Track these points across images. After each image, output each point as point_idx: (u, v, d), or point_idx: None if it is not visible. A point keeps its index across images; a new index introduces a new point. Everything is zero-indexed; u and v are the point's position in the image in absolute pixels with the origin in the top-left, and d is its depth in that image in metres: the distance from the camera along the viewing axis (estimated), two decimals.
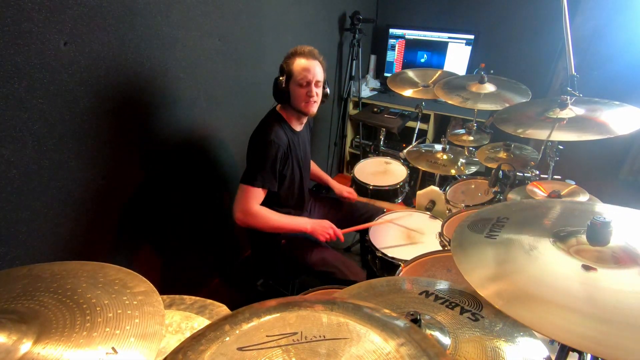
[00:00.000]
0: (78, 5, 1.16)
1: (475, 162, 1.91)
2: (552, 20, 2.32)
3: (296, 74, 1.43)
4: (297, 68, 1.42)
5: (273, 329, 0.53)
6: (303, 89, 1.44)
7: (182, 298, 0.95)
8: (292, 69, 1.43)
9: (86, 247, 1.40)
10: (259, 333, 0.52)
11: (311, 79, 1.43)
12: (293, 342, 0.51)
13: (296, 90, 1.44)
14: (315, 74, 1.44)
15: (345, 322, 0.54)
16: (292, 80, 1.44)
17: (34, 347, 0.50)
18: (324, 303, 0.59)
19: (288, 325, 0.54)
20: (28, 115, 1.12)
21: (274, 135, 1.43)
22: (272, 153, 1.42)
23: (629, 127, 1.13)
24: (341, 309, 0.57)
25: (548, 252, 0.65)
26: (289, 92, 1.46)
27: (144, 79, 1.44)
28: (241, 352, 0.49)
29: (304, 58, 1.43)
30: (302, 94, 1.45)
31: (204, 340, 0.51)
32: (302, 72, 1.42)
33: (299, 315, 0.56)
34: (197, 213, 1.89)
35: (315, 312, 0.56)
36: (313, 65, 1.44)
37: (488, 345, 0.69)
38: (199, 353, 0.50)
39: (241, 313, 0.57)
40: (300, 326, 0.53)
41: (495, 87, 1.77)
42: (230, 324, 0.54)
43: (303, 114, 1.52)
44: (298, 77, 1.42)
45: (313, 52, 1.45)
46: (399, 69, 3.05)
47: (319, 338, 0.51)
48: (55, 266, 0.67)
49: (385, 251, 1.49)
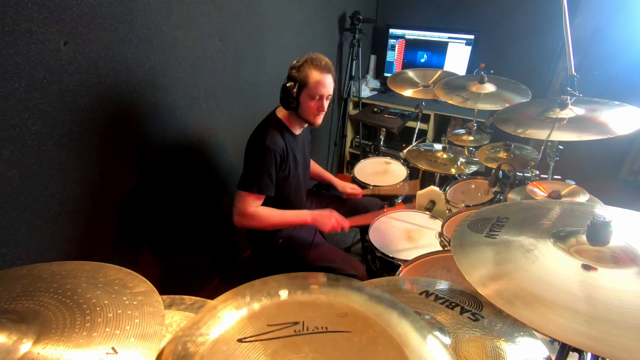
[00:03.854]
0: (78, 5, 1.16)
1: (475, 162, 1.91)
2: (552, 20, 2.31)
3: (311, 86, 1.39)
4: (313, 80, 1.38)
5: (274, 318, 0.52)
6: (315, 102, 1.42)
7: (182, 298, 0.95)
8: (307, 80, 1.38)
9: (86, 247, 1.40)
10: (260, 322, 0.51)
11: (324, 94, 1.41)
12: (294, 333, 0.49)
13: (307, 102, 1.42)
14: (329, 89, 1.42)
15: (349, 311, 0.52)
16: (305, 91, 1.40)
17: (34, 347, 0.50)
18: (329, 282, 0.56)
19: (290, 314, 0.52)
20: (28, 115, 1.12)
21: (269, 141, 1.41)
22: (268, 159, 1.41)
23: (629, 127, 1.13)
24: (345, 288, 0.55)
25: (548, 251, 0.65)
26: (299, 102, 1.43)
27: (144, 79, 1.43)
28: (241, 343, 0.49)
29: (321, 71, 1.39)
30: (313, 107, 1.43)
31: (203, 328, 0.50)
32: (317, 86, 1.39)
33: (301, 302, 0.54)
34: (197, 213, 1.89)
35: (317, 296, 0.54)
36: (329, 80, 1.41)
37: (488, 345, 0.69)
38: (198, 345, 0.49)
39: (241, 296, 0.55)
40: (302, 315, 0.52)
41: (495, 87, 1.77)
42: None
43: (309, 124, 1.51)
44: (312, 90, 1.39)
45: (329, 66, 1.41)
46: (399, 69, 3.05)
47: (322, 330, 0.50)
48: (55, 266, 0.67)
49: (385, 251, 1.49)
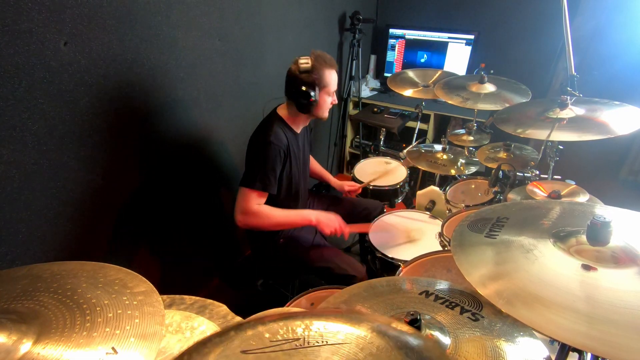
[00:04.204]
0: (78, 5, 1.16)
1: (475, 162, 1.91)
2: (552, 20, 2.31)
3: (331, 85, 1.48)
4: (331, 80, 1.47)
5: (277, 334, 0.53)
6: (331, 97, 1.51)
7: (182, 298, 0.95)
8: (325, 80, 1.45)
9: (86, 247, 1.40)
10: (263, 337, 0.53)
11: (336, 88, 1.52)
12: (296, 347, 0.51)
13: (326, 100, 1.49)
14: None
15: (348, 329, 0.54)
16: (325, 91, 1.47)
17: (34, 347, 0.50)
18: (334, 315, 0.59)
19: (292, 331, 0.54)
20: (28, 115, 1.12)
21: (273, 137, 1.42)
22: (271, 155, 1.41)
23: (629, 127, 1.13)
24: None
25: (548, 251, 0.65)
26: (317, 102, 1.48)
27: (144, 79, 1.43)
28: (245, 355, 0.50)
29: (333, 68, 1.47)
30: (329, 103, 1.52)
31: (209, 344, 0.52)
32: (334, 84, 1.48)
33: (305, 324, 0.56)
34: (197, 213, 1.89)
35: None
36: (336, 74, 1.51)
37: (488, 345, 0.69)
38: (203, 355, 0.50)
39: (247, 323, 0.57)
40: (304, 332, 0.54)
41: (495, 87, 1.77)
42: (235, 330, 0.55)
43: (320, 119, 1.57)
44: (332, 88, 1.48)
45: (334, 60, 1.49)
46: (399, 69, 3.05)
47: (322, 343, 0.51)
48: (55, 266, 0.67)
49: (385, 251, 1.49)
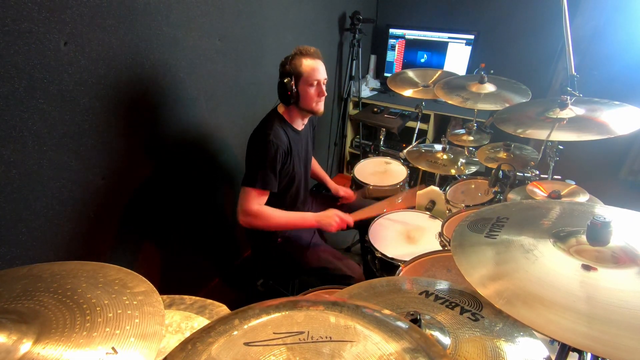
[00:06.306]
0: (78, 5, 1.16)
1: (475, 162, 1.91)
2: (552, 20, 2.32)
3: (307, 74, 1.43)
4: (307, 68, 1.43)
5: (281, 327, 0.53)
6: (314, 88, 1.46)
7: (182, 298, 0.95)
8: (301, 69, 1.43)
9: (86, 247, 1.40)
10: (267, 330, 0.53)
11: (320, 78, 1.46)
12: (299, 341, 0.51)
13: (307, 90, 1.46)
14: (323, 73, 1.47)
15: (353, 325, 0.54)
16: (303, 81, 1.44)
17: (34, 347, 0.50)
18: (333, 304, 0.59)
19: (296, 324, 0.54)
20: (28, 115, 1.12)
21: (272, 136, 1.42)
22: (271, 153, 1.41)
23: (629, 127, 1.13)
24: (349, 311, 0.57)
25: (548, 251, 0.65)
26: (299, 93, 1.46)
27: (144, 79, 1.43)
28: (247, 347, 0.50)
29: (311, 58, 1.44)
30: (313, 94, 1.47)
31: (213, 333, 0.52)
32: (312, 72, 1.44)
33: (308, 315, 0.56)
34: (197, 213, 1.89)
35: (323, 313, 0.56)
36: (321, 65, 1.47)
37: (488, 345, 0.69)
38: (207, 345, 0.50)
39: (251, 309, 0.57)
40: (308, 326, 0.54)
41: (495, 87, 1.77)
42: (239, 318, 0.55)
43: (312, 113, 1.53)
44: (309, 77, 1.44)
45: (318, 52, 1.47)
46: (399, 69, 3.05)
47: (325, 339, 0.51)
48: (55, 266, 0.67)
49: (385, 251, 1.49)
